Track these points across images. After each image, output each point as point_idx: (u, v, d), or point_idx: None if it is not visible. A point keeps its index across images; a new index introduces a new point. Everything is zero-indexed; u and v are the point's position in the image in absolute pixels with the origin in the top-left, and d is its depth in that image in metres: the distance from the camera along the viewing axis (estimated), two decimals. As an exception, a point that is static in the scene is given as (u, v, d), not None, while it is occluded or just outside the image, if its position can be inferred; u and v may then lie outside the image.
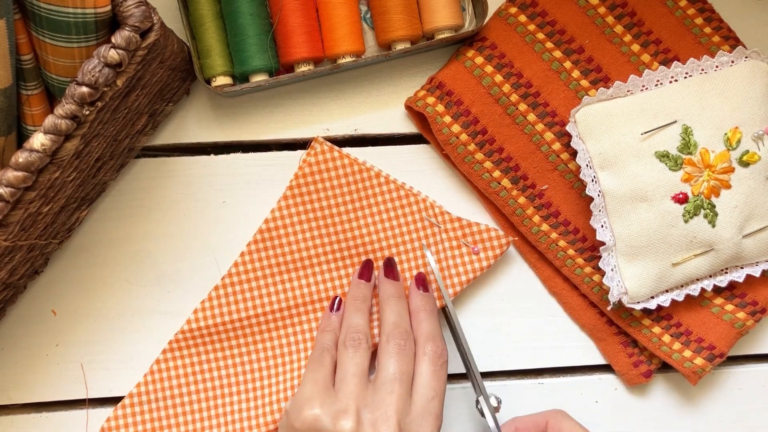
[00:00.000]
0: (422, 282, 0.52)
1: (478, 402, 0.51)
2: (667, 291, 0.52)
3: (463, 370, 0.55)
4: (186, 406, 0.53)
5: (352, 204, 0.54)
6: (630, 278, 0.51)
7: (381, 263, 0.53)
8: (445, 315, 0.54)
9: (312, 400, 0.45)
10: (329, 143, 0.54)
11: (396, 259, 0.54)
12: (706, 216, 0.50)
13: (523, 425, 0.51)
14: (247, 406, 0.53)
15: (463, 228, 0.53)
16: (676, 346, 0.53)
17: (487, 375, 0.56)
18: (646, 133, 0.50)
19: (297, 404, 0.46)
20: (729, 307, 0.54)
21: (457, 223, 0.53)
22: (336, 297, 0.53)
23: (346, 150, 0.55)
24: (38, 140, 0.40)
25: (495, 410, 0.50)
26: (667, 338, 0.53)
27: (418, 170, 0.56)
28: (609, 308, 0.53)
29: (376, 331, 0.52)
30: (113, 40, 0.41)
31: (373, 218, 0.54)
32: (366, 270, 0.53)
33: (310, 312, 0.54)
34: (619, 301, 0.52)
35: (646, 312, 0.54)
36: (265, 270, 0.53)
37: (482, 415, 0.50)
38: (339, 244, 0.54)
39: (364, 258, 0.54)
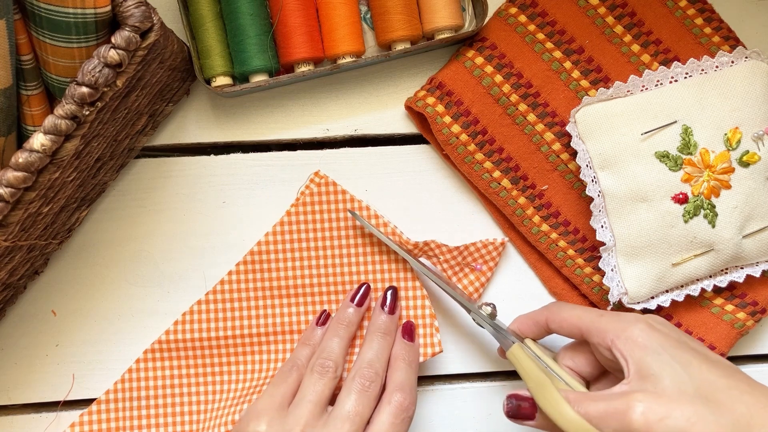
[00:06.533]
0: (408, 331, 0.50)
1: (474, 319, 0.49)
2: (667, 291, 0.52)
3: (462, 371, 0.55)
4: (151, 419, 0.53)
5: (347, 240, 0.53)
6: (630, 278, 0.51)
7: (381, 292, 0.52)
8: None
9: (261, 416, 0.45)
10: (332, 178, 0.53)
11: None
12: (706, 216, 0.50)
13: (523, 325, 0.49)
14: (209, 425, 0.52)
15: (462, 253, 0.53)
16: (676, 346, 0.53)
17: (488, 375, 0.56)
18: (646, 133, 0.50)
19: (248, 416, 0.45)
20: (729, 307, 0.54)
21: (456, 252, 0.53)
22: (324, 310, 0.52)
23: (346, 150, 0.55)
24: (38, 140, 0.40)
25: (491, 316, 0.49)
26: (667, 338, 0.53)
27: (418, 170, 0.56)
28: (609, 308, 0.53)
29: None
30: (113, 40, 0.41)
31: (365, 257, 0.53)
32: (359, 293, 0.52)
33: (287, 341, 0.53)
34: (619, 302, 0.52)
35: (646, 312, 0.54)
36: (250, 292, 0.53)
37: (482, 326, 0.49)
38: (327, 278, 0.53)
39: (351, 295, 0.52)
